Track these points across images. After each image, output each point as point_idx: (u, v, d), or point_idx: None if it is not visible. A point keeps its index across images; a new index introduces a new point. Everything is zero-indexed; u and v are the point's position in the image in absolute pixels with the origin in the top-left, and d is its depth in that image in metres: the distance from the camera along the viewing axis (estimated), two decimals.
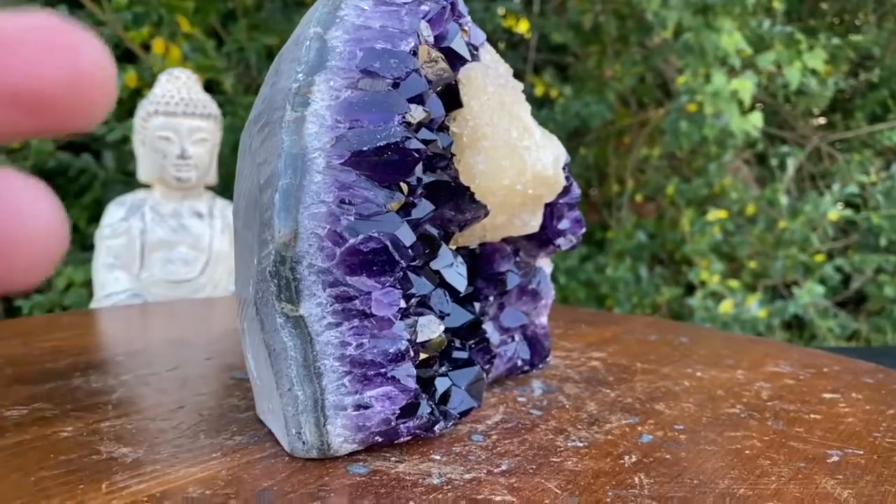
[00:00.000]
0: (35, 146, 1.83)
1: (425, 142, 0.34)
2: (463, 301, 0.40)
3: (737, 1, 1.88)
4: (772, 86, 2.21)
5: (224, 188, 1.63)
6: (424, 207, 0.35)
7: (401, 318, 0.34)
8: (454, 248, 0.41)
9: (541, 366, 0.47)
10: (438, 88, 0.38)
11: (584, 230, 0.47)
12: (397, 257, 0.32)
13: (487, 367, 0.42)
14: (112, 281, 1.13)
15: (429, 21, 0.35)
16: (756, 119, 1.85)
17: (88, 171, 2.04)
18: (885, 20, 2.55)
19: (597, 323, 0.67)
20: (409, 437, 0.35)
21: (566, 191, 0.45)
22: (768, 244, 2.27)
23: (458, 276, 0.38)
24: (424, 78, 0.34)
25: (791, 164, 2.27)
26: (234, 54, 2.04)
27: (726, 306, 2.04)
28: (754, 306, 2.02)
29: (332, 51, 0.33)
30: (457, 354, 0.39)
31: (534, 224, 0.43)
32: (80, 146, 2.15)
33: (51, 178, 2.20)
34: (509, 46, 2.67)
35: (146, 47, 1.92)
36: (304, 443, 0.33)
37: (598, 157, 2.61)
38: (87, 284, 1.97)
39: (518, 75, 2.58)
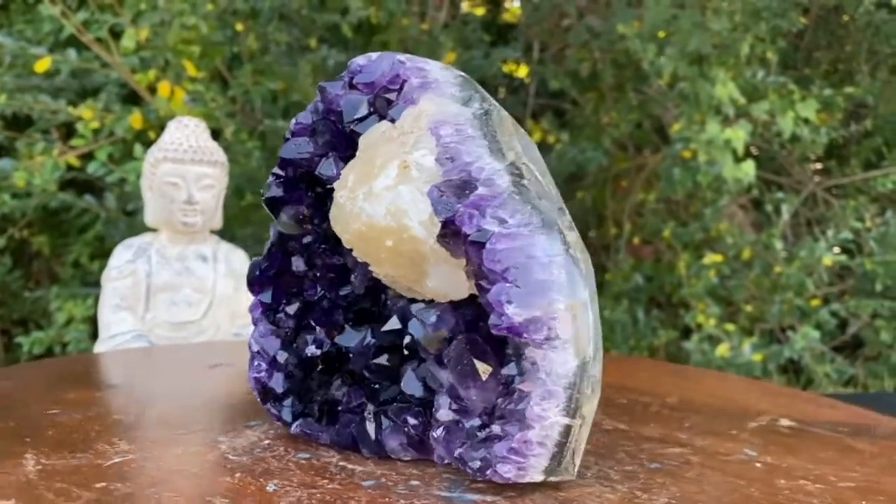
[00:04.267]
0: (39, 185, 1.86)
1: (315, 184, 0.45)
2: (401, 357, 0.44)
3: (731, 52, 1.92)
4: (767, 133, 2.25)
5: (225, 230, 1.65)
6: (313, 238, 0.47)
7: (272, 327, 0.47)
8: (422, 299, 0.43)
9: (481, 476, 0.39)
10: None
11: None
12: (254, 275, 0.47)
13: (409, 427, 0.43)
14: (117, 322, 1.16)
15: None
16: (749, 167, 1.88)
17: (91, 210, 2.07)
18: (879, 70, 2.60)
19: None
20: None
21: (479, 260, 0.37)
22: (765, 288, 2.28)
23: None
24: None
25: (786, 210, 2.30)
26: (240, 98, 2.08)
27: (722, 350, 2.06)
28: (748, 350, 2.03)
29: None
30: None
31: (430, 285, 0.40)
32: (82, 186, 2.18)
33: (55, 215, 2.23)
34: (509, 91, 2.72)
35: (152, 90, 1.96)
36: None
37: (596, 200, 2.64)
38: (88, 321, 1.98)
39: (518, 120, 2.62)
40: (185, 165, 1.21)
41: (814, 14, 2.64)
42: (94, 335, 1.94)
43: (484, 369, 0.38)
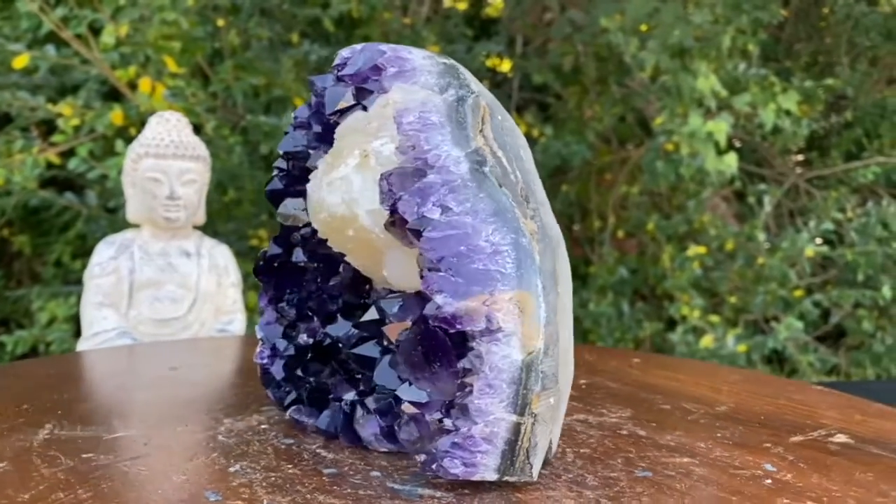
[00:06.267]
0: (19, 183, 1.84)
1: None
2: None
3: (712, 45, 1.93)
4: (748, 125, 2.26)
5: (207, 226, 1.64)
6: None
7: (277, 315, 0.49)
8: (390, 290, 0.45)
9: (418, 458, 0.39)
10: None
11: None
12: (260, 265, 0.48)
13: (380, 418, 0.43)
14: (100, 319, 1.15)
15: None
16: (731, 159, 1.89)
17: (72, 207, 2.05)
18: (858, 62, 2.62)
19: None
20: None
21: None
22: (748, 279, 2.30)
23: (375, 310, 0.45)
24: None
25: (768, 202, 2.31)
26: (221, 94, 2.07)
27: (707, 341, 2.07)
28: (732, 342, 2.04)
29: None
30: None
31: (386, 274, 0.41)
32: (63, 184, 2.16)
33: (35, 214, 2.21)
34: (493, 85, 2.72)
35: (132, 86, 1.94)
36: None
37: (580, 193, 2.64)
38: (70, 320, 1.96)
39: None
40: (167, 160, 1.19)
41: (794, 6, 2.65)
42: (76, 334, 1.93)
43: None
